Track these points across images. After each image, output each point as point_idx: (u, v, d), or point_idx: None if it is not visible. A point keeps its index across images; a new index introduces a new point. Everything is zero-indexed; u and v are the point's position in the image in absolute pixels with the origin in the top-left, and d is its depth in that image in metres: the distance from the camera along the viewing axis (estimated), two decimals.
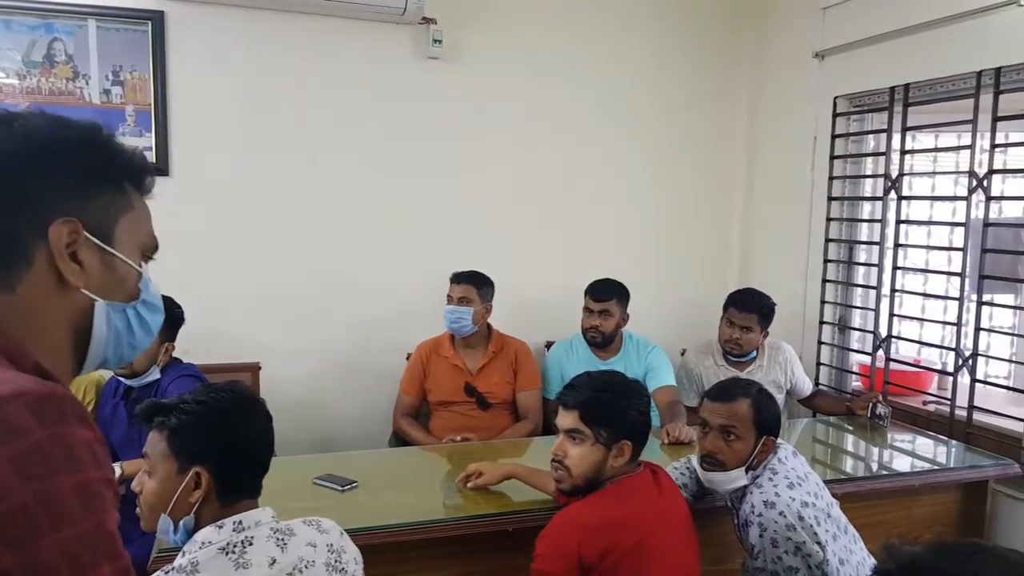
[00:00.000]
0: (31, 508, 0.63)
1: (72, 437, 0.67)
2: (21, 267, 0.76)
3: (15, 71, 2.76)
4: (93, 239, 0.79)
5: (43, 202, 0.77)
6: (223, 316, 2.82)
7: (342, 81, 3.13)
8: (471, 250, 3.28)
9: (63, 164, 0.79)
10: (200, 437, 1.27)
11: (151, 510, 1.30)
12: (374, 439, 3.15)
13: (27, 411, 0.65)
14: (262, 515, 1.30)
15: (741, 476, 1.84)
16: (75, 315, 0.80)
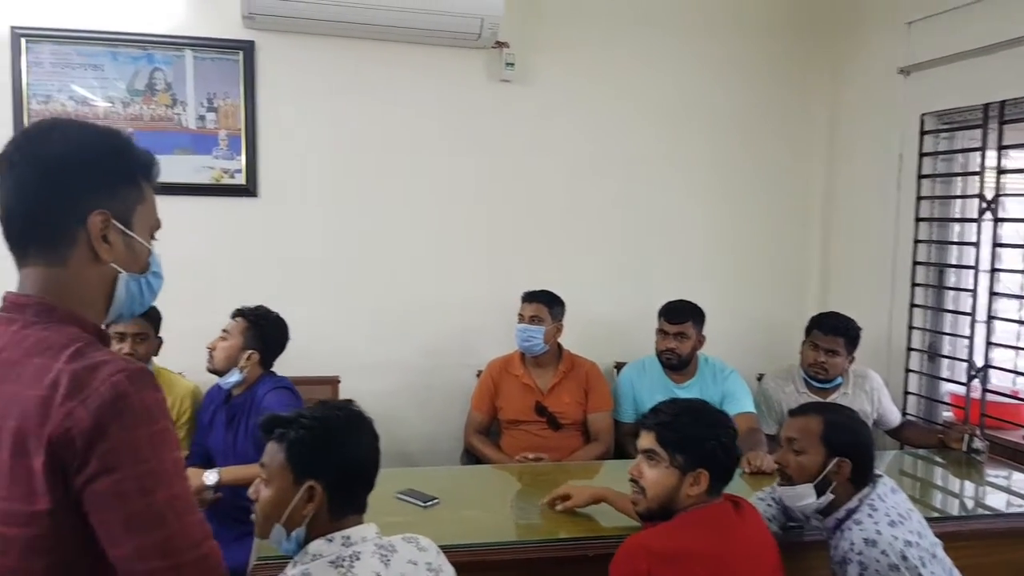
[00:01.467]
0: (121, 448, 0.92)
1: (150, 398, 0.96)
2: (69, 247, 1.02)
3: (120, 99, 2.95)
4: (118, 225, 1.04)
5: (83, 197, 1.01)
6: (306, 331, 2.91)
7: (417, 105, 3.22)
8: (543, 269, 3.30)
9: (97, 167, 1.03)
10: (316, 452, 1.32)
11: (266, 519, 1.35)
12: (445, 455, 3.20)
13: (124, 376, 0.94)
14: (368, 531, 1.34)
15: (810, 493, 1.79)
16: (106, 283, 1.06)
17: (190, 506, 0.97)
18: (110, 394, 0.92)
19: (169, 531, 0.93)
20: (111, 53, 2.92)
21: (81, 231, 1.01)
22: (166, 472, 0.95)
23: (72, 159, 1.02)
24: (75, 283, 1.03)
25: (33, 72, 2.87)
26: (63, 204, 1.01)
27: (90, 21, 2.89)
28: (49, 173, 1.00)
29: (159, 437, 0.95)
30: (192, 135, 3.00)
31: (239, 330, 2.49)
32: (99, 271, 1.04)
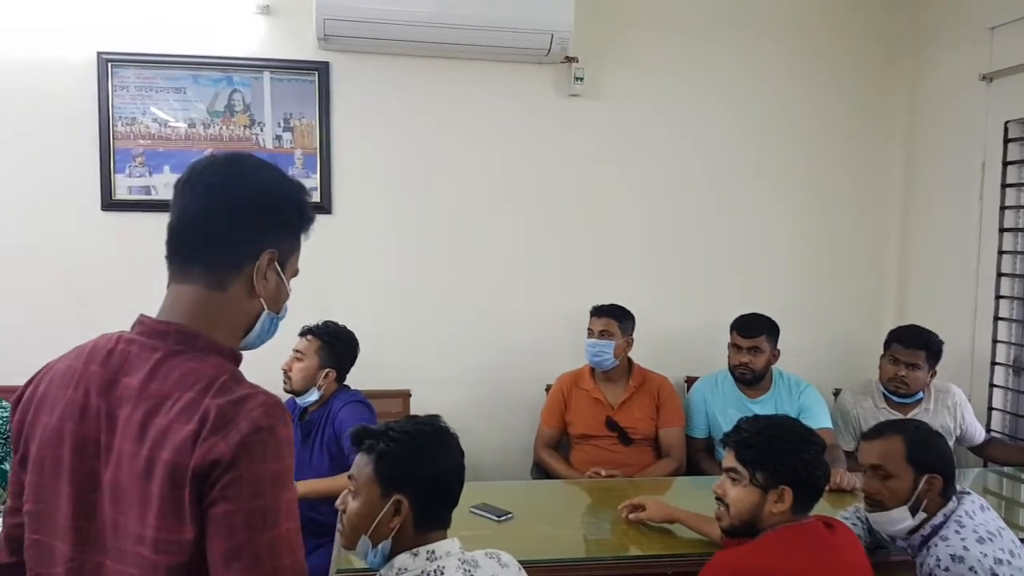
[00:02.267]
0: (244, 480, 0.94)
1: (283, 435, 0.99)
2: (233, 275, 1.07)
3: (201, 120, 3.05)
4: (277, 266, 1.10)
5: (264, 235, 1.08)
6: (378, 345, 2.96)
7: (487, 120, 3.25)
8: (613, 283, 3.30)
9: (282, 212, 1.10)
10: (404, 466, 1.34)
11: (353, 530, 1.38)
12: (515, 469, 3.20)
13: (262, 411, 0.97)
14: (452, 546, 1.36)
15: (906, 516, 1.75)
16: (252, 315, 1.11)
17: (292, 548, 0.98)
18: (249, 428, 0.96)
19: (261, 571, 0.94)
20: (192, 76, 3.03)
21: (250, 264, 1.07)
22: (279, 511, 0.97)
23: (267, 199, 1.09)
24: (229, 310, 1.08)
25: (118, 95, 2.99)
26: (246, 236, 1.07)
27: (173, 46, 3.00)
28: (243, 205, 1.07)
29: (282, 476, 0.98)
30: (269, 155, 3.08)
31: (313, 349, 2.52)
32: (250, 303, 1.10)
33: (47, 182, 2.97)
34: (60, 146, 2.97)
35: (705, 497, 2.38)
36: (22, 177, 2.96)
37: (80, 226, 2.99)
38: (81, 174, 2.98)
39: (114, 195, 3.01)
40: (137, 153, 3.02)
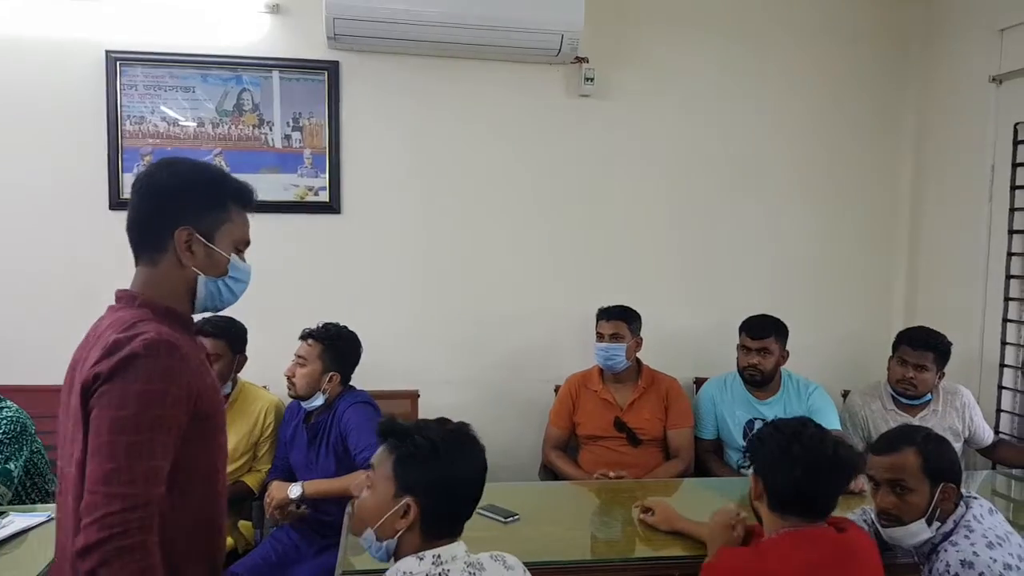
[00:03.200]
0: (114, 392, 1.19)
1: (158, 365, 1.20)
2: (160, 252, 1.34)
3: (209, 120, 3.04)
4: (201, 239, 1.34)
5: (177, 216, 1.32)
6: (386, 345, 2.96)
7: (497, 121, 3.24)
8: (620, 284, 3.30)
9: (190, 194, 1.34)
10: (421, 472, 1.34)
11: (361, 521, 1.38)
12: (522, 470, 3.19)
13: (143, 342, 1.21)
14: (457, 549, 1.35)
15: (924, 529, 1.73)
16: (188, 282, 1.35)
17: (151, 454, 1.18)
18: (127, 353, 1.20)
19: (117, 465, 1.16)
20: (201, 75, 3.02)
21: (170, 241, 1.33)
22: (140, 423, 1.18)
23: (173, 187, 1.34)
24: (162, 280, 1.34)
25: (127, 94, 2.98)
26: (159, 221, 1.33)
27: (182, 44, 3.00)
28: (155, 197, 1.34)
29: (149, 395, 1.19)
30: (278, 154, 3.08)
31: (316, 354, 2.48)
32: (182, 272, 1.35)
33: (56, 181, 2.97)
34: (69, 145, 2.96)
35: (713, 499, 2.40)
36: (31, 176, 2.95)
37: (88, 225, 2.99)
38: (90, 173, 2.98)
39: (122, 194, 3.00)
40: (146, 152, 3.01)
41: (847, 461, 1.65)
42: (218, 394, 1.37)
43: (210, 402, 1.30)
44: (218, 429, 1.37)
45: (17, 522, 1.95)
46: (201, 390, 1.27)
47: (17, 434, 2.29)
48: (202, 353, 1.38)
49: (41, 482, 2.45)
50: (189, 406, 1.25)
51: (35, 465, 2.41)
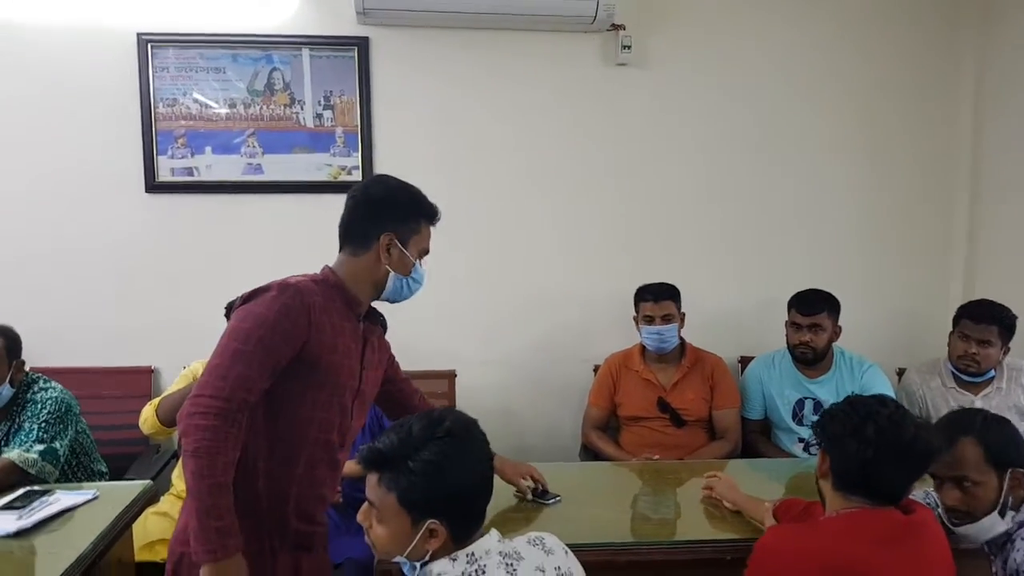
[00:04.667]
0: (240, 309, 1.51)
1: (276, 300, 1.48)
2: (364, 249, 1.62)
3: (241, 100, 3.02)
4: (399, 244, 1.62)
5: (385, 223, 1.62)
6: (422, 326, 2.92)
7: (531, 93, 3.15)
8: (661, 260, 3.19)
9: (398, 207, 1.64)
10: (430, 494, 1.25)
11: (386, 553, 1.30)
12: (562, 451, 3.14)
13: (277, 286, 1.51)
14: (490, 542, 1.28)
15: (998, 522, 1.61)
16: (379, 275, 1.63)
17: (244, 363, 1.42)
18: (261, 287, 1.51)
19: (220, 361, 1.44)
20: (231, 55, 2.99)
21: (375, 241, 1.61)
22: (249, 336, 1.44)
23: (387, 200, 1.63)
24: (357, 268, 1.63)
25: (159, 76, 2.97)
26: (370, 224, 1.61)
27: (211, 25, 2.97)
28: (371, 205, 1.63)
29: (262, 318, 1.45)
30: (310, 133, 3.04)
31: None
32: (377, 267, 1.63)
33: (93, 165, 2.98)
34: (104, 129, 2.97)
35: (762, 480, 2.31)
36: (68, 161, 2.97)
37: (125, 208, 3.00)
38: (125, 157, 2.98)
39: (157, 177, 3.00)
40: (179, 134, 3.00)
41: (926, 449, 1.50)
42: (340, 356, 1.56)
43: (320, 355, 1.51)
44: (326, 384, 1.55)
45: (63, 500, 1.96)
46: (316, 341, 1.50)
47: (62, 414, 2.31)
48: (346, 323, 1.59)
49: (87, 461, 2.48)
50: (296, 345, 1.47)
51: (80, 444, 2.44)
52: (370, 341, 1.69)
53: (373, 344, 1.71)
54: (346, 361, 1.59)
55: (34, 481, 2.12)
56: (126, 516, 1.96)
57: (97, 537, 1.79)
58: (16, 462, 2.11)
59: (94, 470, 2.47)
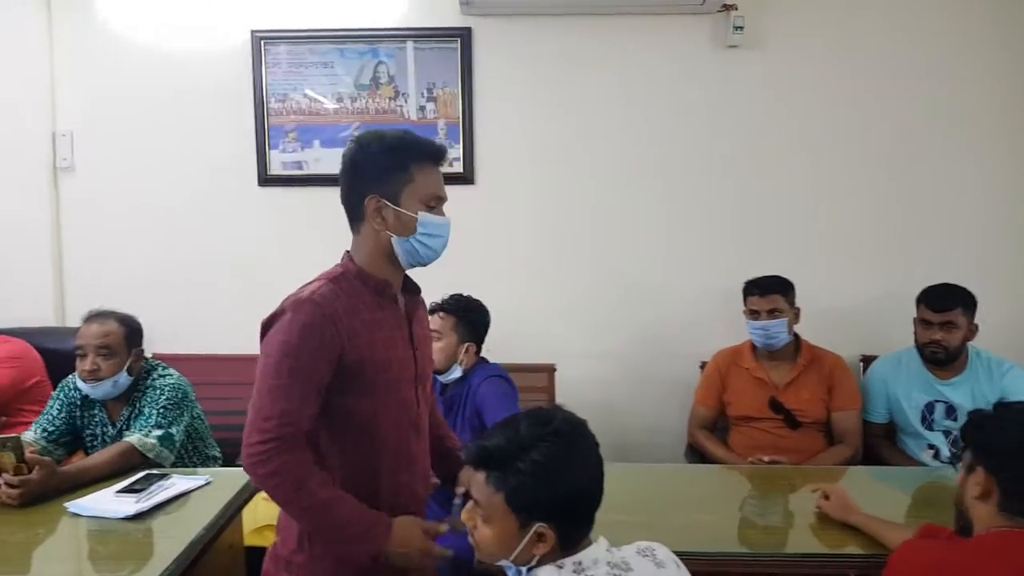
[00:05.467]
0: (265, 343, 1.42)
1: (294, 321, 1.38)
2: (359, 221, 1.48)
3: (348, 95, 3.07)
4: (389, 204, 1.44)
5: (364, 186, 1.45)
6: (522, 318, 2.89)
7: (637, 79, 3.05)
8: (770, 254, 3.04)
9: (373, 165, 1.45)
10: (542, 497, 1.20)
11: (490, 556, 1.26)
12: (666, 450, 3.04)
13: (291, 305, 1.40)
14: (598, 551, 1.22)
15: None
16: (384, 245, 1.47)
17: (283, 397, 1.35)
18: (278, 311, 1.41)
19: (251, 404, 1.38)
20: (339, 50, 3.05)
21: (363, 211, 1.45)
22: (279, 370, 1.36)
23: (358, 161, 1.46)
24: (363, 244, 1.49)
25: (271, 72, 3.06)
26: (353, 193, 1.47)
27: (321, 20, 3.03)
28: (347, 172, 1.48)
29: (285, 347, 1.36)
30: (413, 126, 3.06)
31: (449, 326, 2.46)
32: (378, 237, 1.46)
33: (209, 160, 3.11)
34: (220, 125, 3.09)
35: (886, 491, 2.13)
36: (188, 157, 3.11)
37: (239, 201, 3.12)
38: (239, 151, 3.09)
39: (269, 171, 3.10)
40: (289, 129, 3.08)
41: None
42: (384, 352, 1.45)
43: (362, 361, 1.41)
44: (379, 386, 1.45)
45: (179, 484, 2.02)
46: (352, 348, 1.40)
47: (179, 400, 2.39)
48: (380, 313, 1.47)
49: (202, 446, 2.57)
50: (332, 359, 1.38)
51: (196, 430, 2.53)
52: (415, 316, 1.57)
53: (419, 318, 1.59)
54: (393, 354, 1.47)
55: (152, 465, 2.21)
56: (237, 501, 2.01)
57: (210, 521, 1.84)
58: (136, 446, 2.20)
59: (208, 455, 2.56)
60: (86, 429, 2.37)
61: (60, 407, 2.35)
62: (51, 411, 2.35)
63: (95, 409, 2.36)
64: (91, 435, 2.36)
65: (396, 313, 1.51)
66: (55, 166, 3.12)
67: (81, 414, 2.36)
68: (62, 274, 3.17)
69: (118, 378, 2.30)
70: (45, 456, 2.08)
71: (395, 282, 1.52)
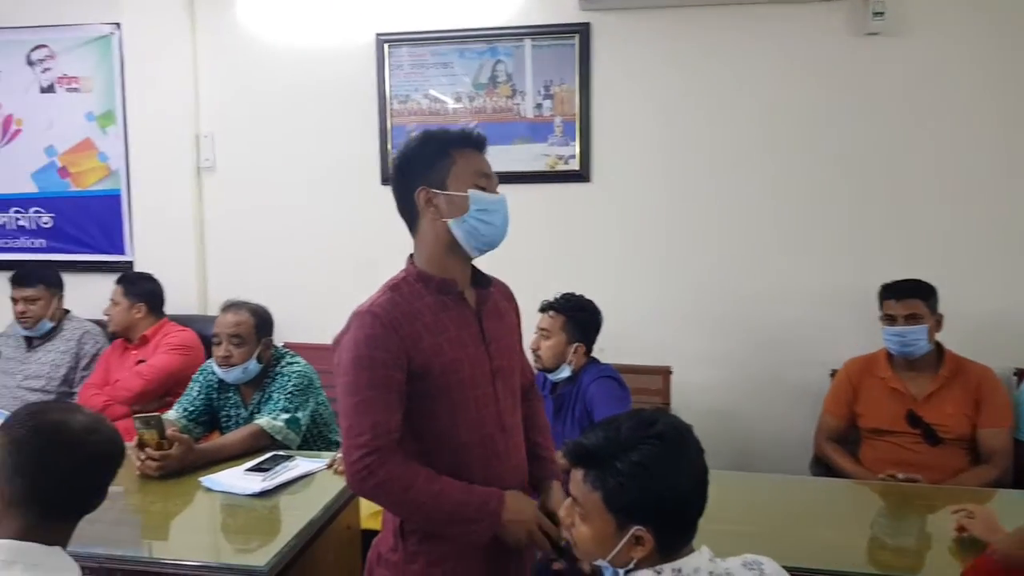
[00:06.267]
0: (337, 363, 1.43)
1: (357, 335, 1.39)
2: (416, 219, 1.48)
3: (466, 94, 3.12)
4: (437, 191, 1.44)
5: (412, 181, 1.45)
6: (636, 318, 2.83)
7: (763, 71, 2.93)
8: (909, 256, 2.84)
9: (416, 158, 1.47)
10: (640, 500, 1.16)
11: (587, 555, 1.24)
12: (790, 462, 2.87)
13: (354, 319, 1.42)
14: (700, 560, 1.17)
15: None
16: (443, 234, 1.45)
17: (368, 411, 1.36)
18: (345, 328, 1.43)
19: (342, 426, 1.40)
20: (459, 50, 3.10)
21: (414, 208, 1.46)
22: (355, 385, 1.38)
23: (402, 159, 1.49)
24: (423, 243, 1.49)
25: (394, 75, 3.16)
26: (404, 192, 1.47)
27: (442, 22, 3.10)
28: (396, 174, 1.50)
29: (357, 362, 1.38)
30: (529, 124, 3.08)
31: (558, 325, 2.45)
32: (435, 228, 1.46)
33: (336, 159, 3.25)
34: (345, 126, 3.23)
35: None
36: (314, 156, 3.27)
37: (362, 200, 3.23)
38: (363, 151, 3.22)
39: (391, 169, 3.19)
40: (410, 129, 3.17)
41: None
42: (452, 353, 1.44)
43: (428, 366, 1.41)
44: (452, 387, 1.44)
45: (302, 466, 2.14)
46: (418, 354, 1.40)
47: (305, 387, 2.51)
48: (444, 315, 1.46)
49: (325, 431, 2.68)
50: (402, 365, 1.39)
51: (320, 415, 2.64)
52: (486, 311, 1.53)
53: (492, 311, 1.55)
54: (462, 353, 1.45)
55: (279, 446, 2.33)
56: None
57: (328, 502, 1.93)
58: (265, 428, 2.33)
59: (331, 440, 2.67)
60: (221, 410, 2.53)
61: (199, 389, 2.52)
62: (191, 393, 2.53)
63: (230, 392, 2.53)
64: (226, 416, 2.53)
65: (463, 311, 1.49)
66: (198, 166, 3.36)
67: (217, 396, 2.53)
68: (205, 266, 3.41)
69: (248, 365, 2.45)
70: (184, 434, 2.23)
71: (461, 278, 1.50)
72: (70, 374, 3.07)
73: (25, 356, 3.09)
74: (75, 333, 3.12)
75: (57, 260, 3.43)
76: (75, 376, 3.08)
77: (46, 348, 3.09)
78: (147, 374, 2.88)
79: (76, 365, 3.09)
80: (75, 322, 3.17)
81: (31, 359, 3.08)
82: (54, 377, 3.05)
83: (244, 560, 1.67)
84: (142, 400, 2.82)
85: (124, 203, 3.42)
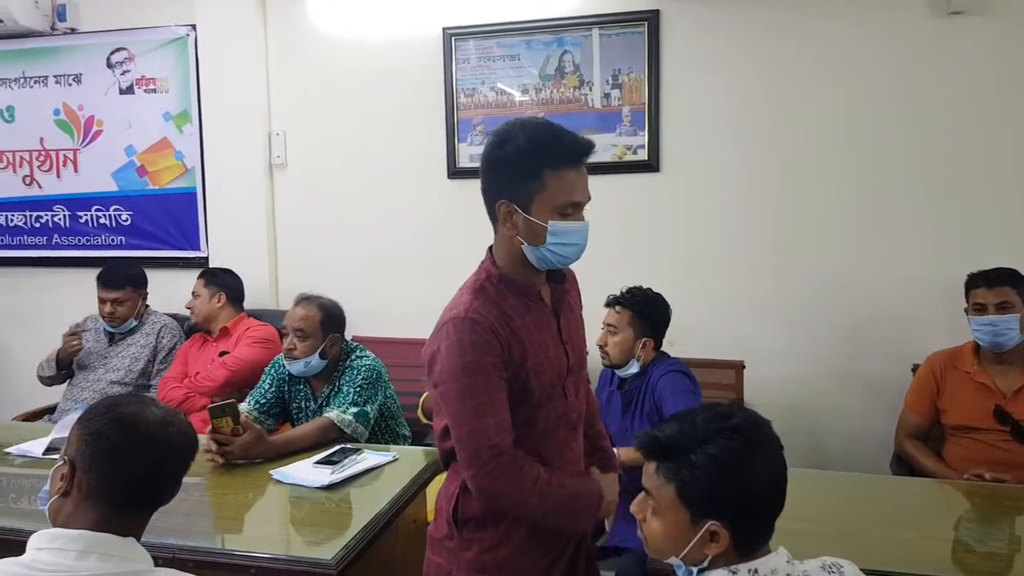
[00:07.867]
0: (442, 371, 1.41)
1: (463, 340, 1.39)
2: (495, 222, 1.46)
3: (533, 86, 3.11)
4: (518, 210, 1.40)
5: (498, 190, 1.42)
6: (708, 311, 2.77)
7: (839, 56, 2.82)
8: (998, 245, 2.70)
9: (506, 168, 1.41)
10: (714, 493, 1.13)
11: (659, 551, 1.22)
12: (869, 460, 2.78)
13: (452, 325, 1.41)
14: (777, 561, 1.13)
15: None
16: (518, 249, 1.44)
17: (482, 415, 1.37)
18: (442, 333, 1.42)
19: (461, 431, 1.39)
20: (526, 42, 3.09)
21: (495, 212, 1.44)
22: (470, 389, 1.38)
23: (492, 162, 1.43)
24: (500, 245, 1.48)
25: (460, 68, 3.17)
26: (488, 194, 1.45)
27: (508, 13, 3.09)
28: (484, 171, 1.45)
29: (467, 366, 1.37)
30: (597, 114, 3.04)
31: (626, 321, 2.43)
32: (511, 240, 1.44)
33: (403, 154, 3.28)
34: (413, 120, 3.25)
35: None
36: (382, 152, 3.31)
37: (430, 193, 3.26)
38: (430, 145, 3.24)
39: (458, 164, 3.21)
40: (477, 122, 3.17)
41: None
42: (536, 355, 1.45)
43: (517, 370, 1.43)
44: (534, 390, 1.45)
45: (369, 459, 2.15)
46: (509, 358, 1.42)
47: (374, 380, 2.54)
48: (528, 317, 1.46)
49: (393, 424, 2.72)
50: (506, 365, 1.41)
51: (388, 409, 2.68)
52: (563, 309, 1.54)
53: (566, 307, 1.55)
54: (544, 356, 1.46)
55: (348, 439, 2.37)
56: (421, 478, 2.10)
57: (395, 496, 1.94)
58: (335, 421, 2.37)
59: (398, 433, 2.70)
60: (292, 403, 2.59)
61: (271, 382, 2.58)
62: (263, 384, 2.59)
63: (300, 385, 2.58)
64: (296, 408, 2.58)
65: (543, 312, 1.49)
66: (270, 163, 3.44)
67: (288, 388, 2.59)
68: (276, 261, 3.50)
69: (310, 359, 2.48)
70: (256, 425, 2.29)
71: (538, 279, 1.50)
72: (148, 367, 3.18)
73: (106, 350, 3.21)
74: (154, 327, 3.23)
75: (135, 257, 3.55)
76: (152, 369, 3.19)
77: (127, 342, 3.21)
78: (232, 365, 2.97)
79: (154, 358, 3.20)
80: (154, 316, 3.28)
81: (112, 353, 3.20)
82: (133, 370, 3.16)
83: (312, 553, 1.68)
84: (224, 391, 2.90)
85: (199, 200, 3.53)
